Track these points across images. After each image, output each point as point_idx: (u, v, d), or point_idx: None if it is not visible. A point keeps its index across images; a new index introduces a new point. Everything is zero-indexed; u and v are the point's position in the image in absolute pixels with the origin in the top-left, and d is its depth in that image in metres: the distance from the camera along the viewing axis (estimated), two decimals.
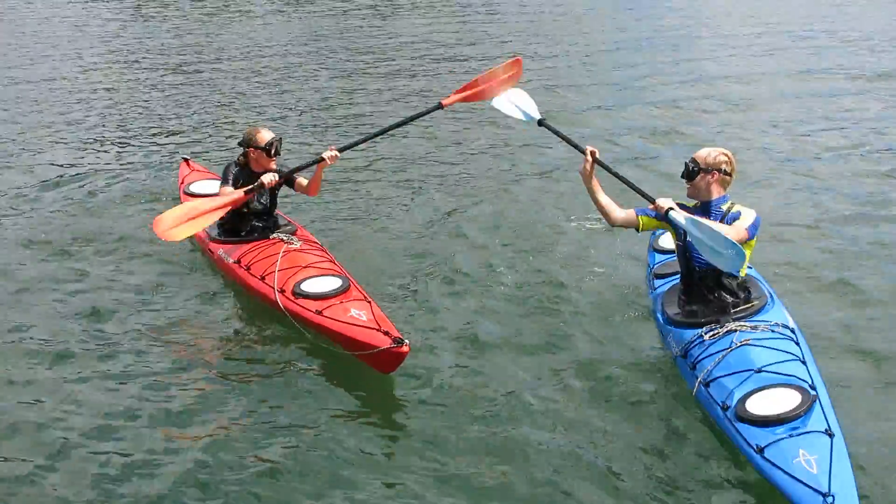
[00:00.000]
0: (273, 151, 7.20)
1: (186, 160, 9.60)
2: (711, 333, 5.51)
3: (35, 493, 4.83)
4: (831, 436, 4.49)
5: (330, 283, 6.55)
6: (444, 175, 10.18)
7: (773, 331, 5.43)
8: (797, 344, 5.35)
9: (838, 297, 6.93)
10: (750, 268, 6.07)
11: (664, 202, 5.64)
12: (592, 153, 5.81)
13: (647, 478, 4.88)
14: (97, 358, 6.22)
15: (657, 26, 18.56)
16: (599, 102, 13.14)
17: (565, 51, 16.46)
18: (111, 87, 15.15)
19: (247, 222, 7.43)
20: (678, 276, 6.05)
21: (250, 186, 7.13)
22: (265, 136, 7.20)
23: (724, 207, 5.70)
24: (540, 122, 6.51)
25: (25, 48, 18.61)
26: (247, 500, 4.74)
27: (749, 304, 5.68)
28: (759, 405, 4.83)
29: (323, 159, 7.06)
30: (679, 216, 5.53)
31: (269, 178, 7.12)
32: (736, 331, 5.45)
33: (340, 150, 7.14)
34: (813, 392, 4.82)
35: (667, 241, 6.84)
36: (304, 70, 16.28)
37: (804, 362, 5.13)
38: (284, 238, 7.27)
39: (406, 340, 5.57)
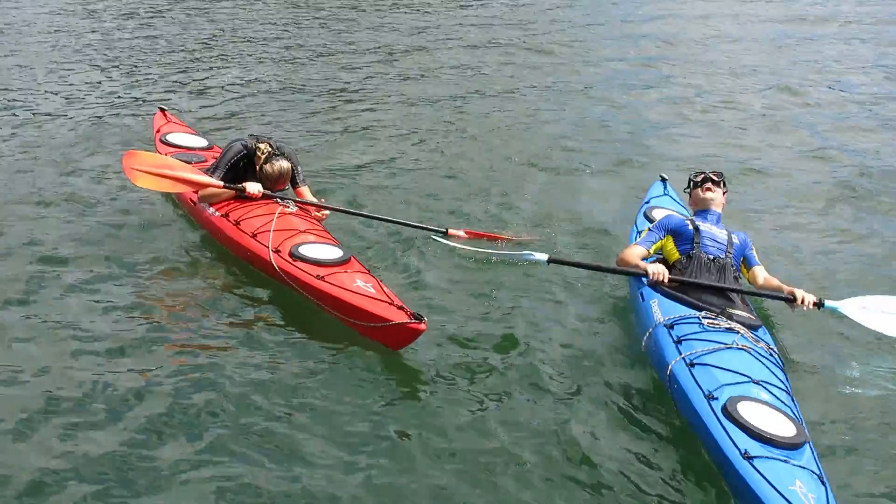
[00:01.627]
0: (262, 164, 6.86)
1: (163, 110, 9.14)
2: (711, 321, 5.16)
3: None
4: (824, 484, 4.10)
5: (330, 252, 6.17)
6: (439, 151, 9.83)
7: (771, 354, 5.09)
8: (786, 378, 5.03)
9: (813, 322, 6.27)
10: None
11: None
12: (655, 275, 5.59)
13: (609, 471, 4.53)
14: (63, 324, 5.70)
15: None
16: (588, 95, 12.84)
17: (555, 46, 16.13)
18: (84, 34, 14.59)
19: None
20: None
21: (233, 186, 6.77)
22: (269, 169, 6.82)
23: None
24: (549, 261, 5.78)
25: None
26: (226, 476, 4.36)
27: (751, 317, 5.38)
28: (752, 414, 4.41)
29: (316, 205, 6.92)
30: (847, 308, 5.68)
31: (254, 189, 6.76)
32: (738, 332, 5.08)
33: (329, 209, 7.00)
34: (806, 432, 4.49)
35: (659, 213, 6.74)
36: (291, 26, 15.92)
37: (794, 401, 4.81)
38: (280, 200, 6.82)
39: (424, 317, 5.21)
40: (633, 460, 4.61)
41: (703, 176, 6.02)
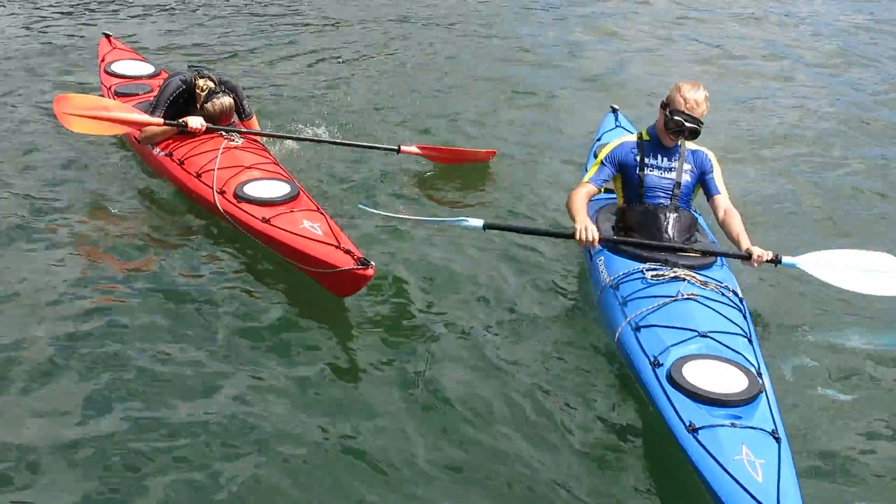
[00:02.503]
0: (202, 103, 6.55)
1: (108, 36, 8.78)
2: (655, 273, 4.84)
3: None
4: (777, 440, 3.83)
5: (277, 188, 5.93)
6: (389, 73, 9.52)
7: (723, 293, 4.76)
8: (745, 317, 4.70)
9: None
10: (696, 213, 5.58)
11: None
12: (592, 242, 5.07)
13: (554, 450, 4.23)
14: None
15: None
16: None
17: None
18: None
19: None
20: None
21: (173, 122, 6.47)
22: (210, 108, 6.52)
23: (680, 143, 5.27)
24: (485, 227, 5.33)
25: None
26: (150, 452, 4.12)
27: (698, 253, 5.03)
28: (699, 375, 4.12)
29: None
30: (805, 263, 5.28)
31: (195, 123, 6.47)
32: (684, 279, 4.77)
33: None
34: (760, 381, 4.16)
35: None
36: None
37: (751, 342, 4.49)
38: (224, 134, 6.53)
39: (371, 262, 4.99)
40: (587, 439, 4.29)
41: (680, 124, 5.10)
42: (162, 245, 5.90)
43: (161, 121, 6.49)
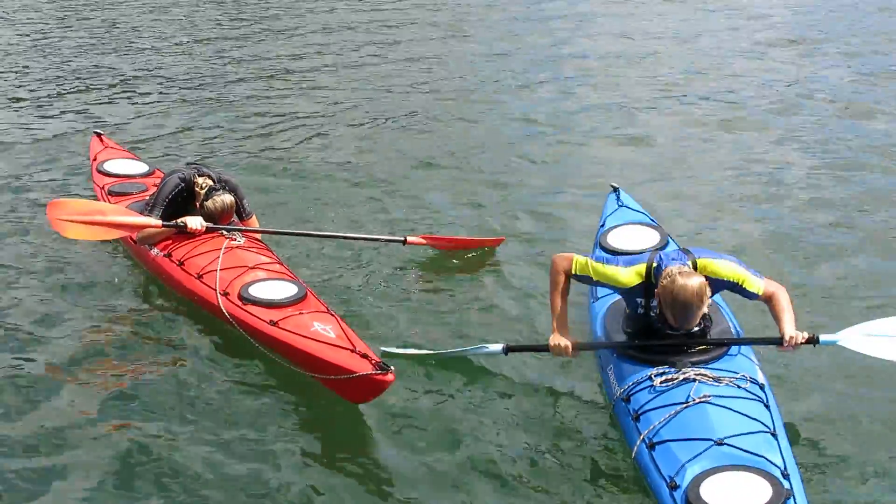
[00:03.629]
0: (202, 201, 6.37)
1: (99, 135, 8.63)
2: (663, 378, 4.51)
3: None
4: None
5: (283, 289, 5.67)
6: (400, 170, 9.27)
7: (739, 386, 4.45)
8: (767, 407, 4.40)
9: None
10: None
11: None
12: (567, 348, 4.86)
13: None
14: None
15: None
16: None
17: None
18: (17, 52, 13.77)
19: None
20: None
21: (172, 223, 6.29)
22: (211, 206, 6.31)
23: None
24: (506, 351, 5.14)
25: None
26: None
27: (709, 346, 4.68)
28: (718, 493, 3.83)
29: None
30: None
31: (195, 224, 6.27)
32: (695, 380, 4.45)
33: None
34: (786, 485, 3.86)
35: (616, 239, 6.03)
36: (225, 40, 15.18)
37: (775, 435, 4.19)
38: (225, 233, 6.28)
39: (391, 367, 4.69)
40: None
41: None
42: (163, 352, 5.67)
43: (159, 222, 6.26)
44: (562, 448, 4.70)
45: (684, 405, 4.31)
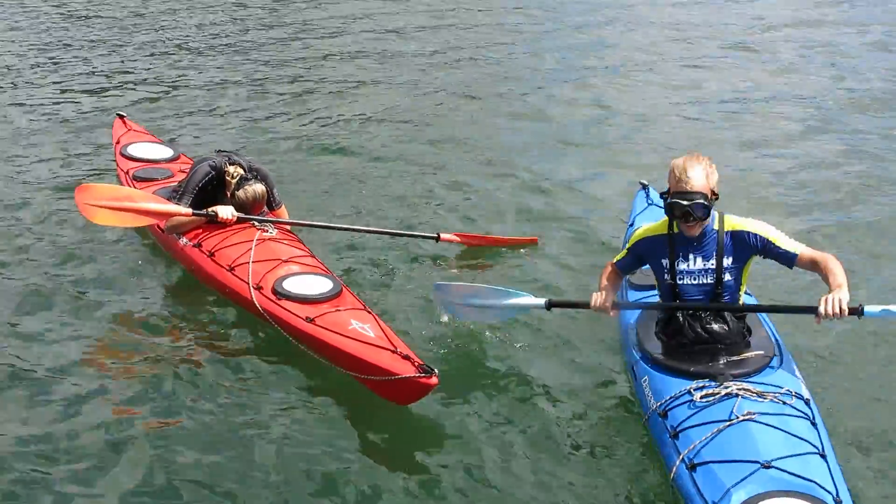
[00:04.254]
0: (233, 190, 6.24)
1: (122, 117, 8.46)
2: (704, 393, 4.24)
3: None
4: None
5: (318, 284, 5.54)
6: (438, 163, 9.09)
7: (784, 403, 4.17)
8: (814, 425, 4.11)
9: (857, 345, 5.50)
10: (748, 294, 5.01)
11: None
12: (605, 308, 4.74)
13: None
14: (31, 376, 5.15)
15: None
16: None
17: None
18: (39, 39, 13.54)
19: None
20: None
21: (202, 211, 6.16)
22: (242, 196, 6.18)
23: (717, 226, 4.53)
24: (549, 306, 5.05)
25: None
26: None
27: (749, 355, 4.47)
28: None
29: None
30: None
31: (226, 213, 6.14)
32: (738, 395, 4.18)
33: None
34: None
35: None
36: (247, 25, 14.87)
37: (825, 457, 3.91)
38: (256, 224, 6.13)
39: (435, 370, 4.56)
40: None
41: (674, 207, 4.49)
42: (192, 345, 5.55)
43: (189, 211, 6.13)
44: (593, 465, 4.51)
45: (727, 423, 4.05)
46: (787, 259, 4.49)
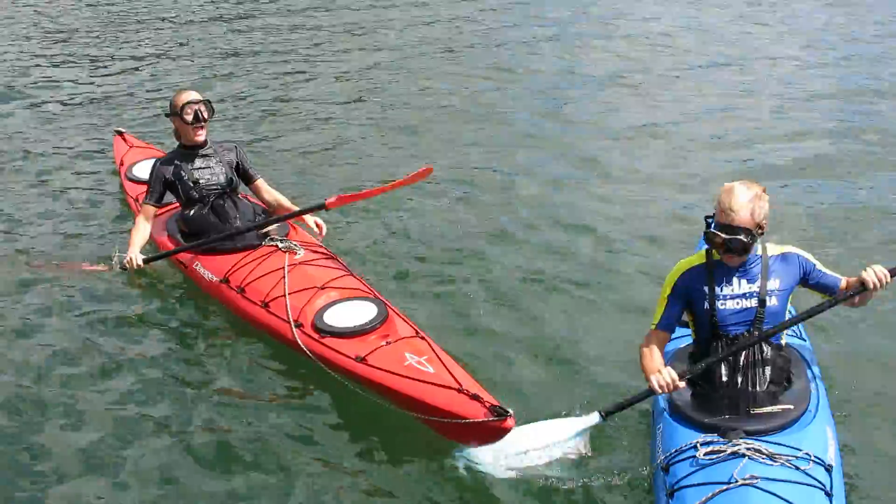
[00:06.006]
0: (193, 117, 5.87)
1: (120, 133, 7.94)
2: (709, 450, 3.83)
3: None
4: None
5: (362, 311, 5.13)
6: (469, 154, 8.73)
7: (797, 468, 3.69)
8: (829, 496, 3.63)
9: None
10: (791, 310, 4.47)
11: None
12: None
13: None
14: (65, 420, 4.88)
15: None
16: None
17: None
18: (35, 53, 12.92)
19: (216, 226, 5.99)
20: None
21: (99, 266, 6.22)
22: (182, 98, 5.91)
23: (760, 252, 4.17)
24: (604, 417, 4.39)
25: None
26: None
27: (773, 409, 4.03)
28: None
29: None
30: None
31: (129, 258, 6.01)
32: (744, 455, 3.75)
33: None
34: None
35: None
36: (244, 35, 14.18)
37: None
38: (281, 245, 5.72)
39: (510, 411, 4.16)
40: None
41: (714, 239, 4.05)
42: (231, 386, 5.18)
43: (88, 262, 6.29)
44: None
45: (725, 487, 3.61)
46: (830, 287, 4.18)
